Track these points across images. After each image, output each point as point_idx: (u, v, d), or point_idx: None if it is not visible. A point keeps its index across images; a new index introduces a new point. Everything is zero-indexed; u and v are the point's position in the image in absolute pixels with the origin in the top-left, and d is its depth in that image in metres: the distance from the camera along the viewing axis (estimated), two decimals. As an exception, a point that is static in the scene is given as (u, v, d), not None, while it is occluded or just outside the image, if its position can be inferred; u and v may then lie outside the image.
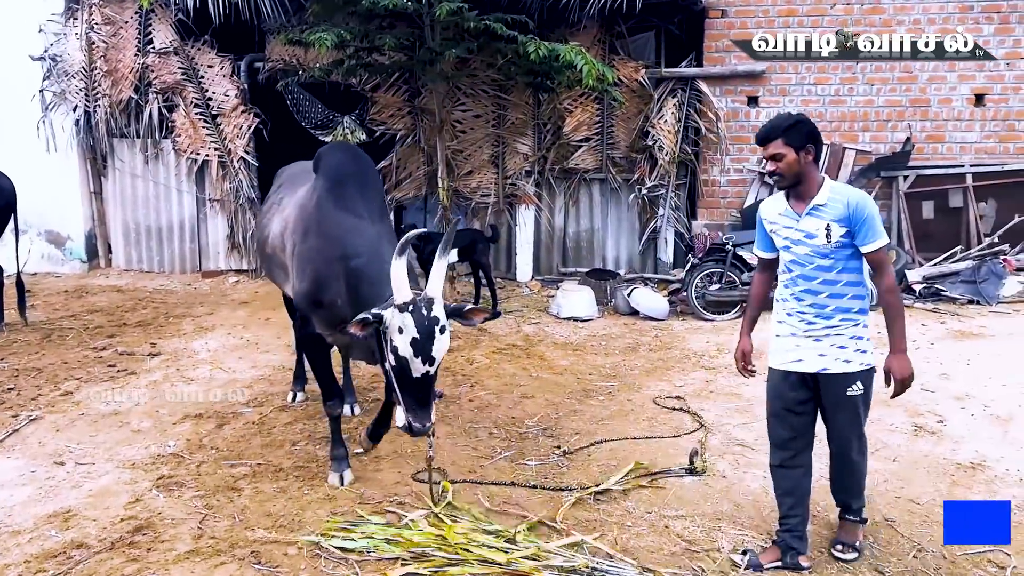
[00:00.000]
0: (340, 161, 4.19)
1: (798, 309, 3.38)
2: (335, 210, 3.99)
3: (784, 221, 3.39)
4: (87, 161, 10.06)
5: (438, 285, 3.52)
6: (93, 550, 3.52)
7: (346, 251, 3.85)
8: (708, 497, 4.16)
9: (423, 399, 3.49)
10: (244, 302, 8.80)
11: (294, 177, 4.91)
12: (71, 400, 5.61)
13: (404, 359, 3.41)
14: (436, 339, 3.40)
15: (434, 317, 3.41)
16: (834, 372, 3.33)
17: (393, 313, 3.42)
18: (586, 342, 7.32)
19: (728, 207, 9.28)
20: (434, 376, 3.52)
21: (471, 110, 9.35)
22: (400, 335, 3.40)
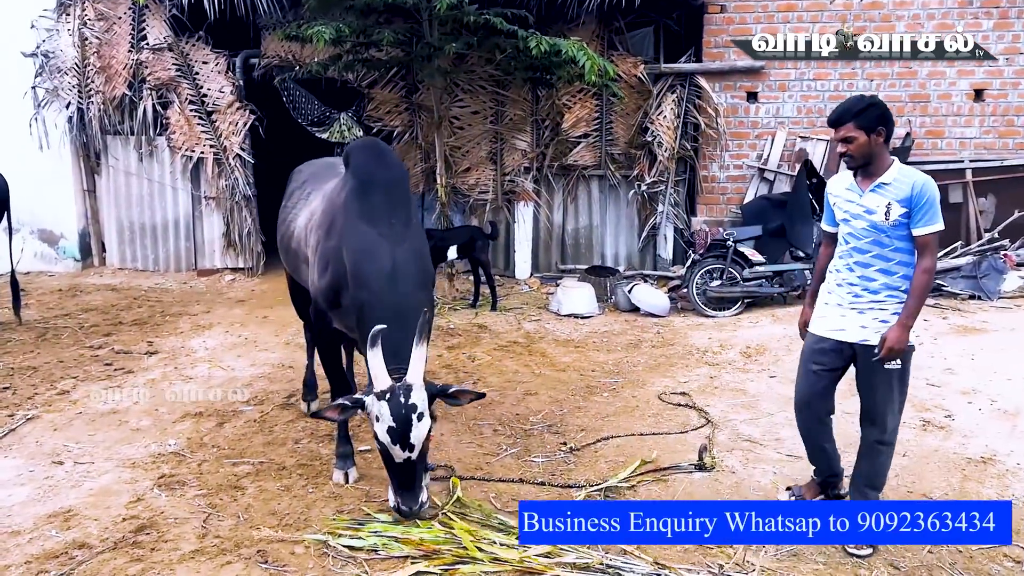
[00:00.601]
0: (368, 164, 3.99)
1: (848, 280, 3.51)
2: (358, 219, 3.83)
3: (847, 195, 3.51)
4: (80, 159, 9.95)
5: (418, 370, 3.46)
6: (95, 550, 3.44)
7: (358, 276, 3.72)
8: (718, 493, 4.11)
9: (408, 483, 3.50)
10: (241, 300, 8.72)
11: (320, 172, 4.78)
12: (68, 399, 5.52)
13: (383, 445, 3.44)
14: (414, 427, 3.39)
15: (411, 405, 3.39)
16: (873, 344, 3.42)
17: (372, 401, 3.44)
18: (588, 339, 7.27)
19: (728, 203, 9.24)
20: (420, 460, 3.49)
21: (469, 106, 9.28)
22: (378, 423, 3.42)
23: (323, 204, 4.24)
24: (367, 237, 3.77)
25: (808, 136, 8.95)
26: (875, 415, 3.51)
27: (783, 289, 7.97)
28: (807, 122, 8.96)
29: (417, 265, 3.84)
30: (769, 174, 9.03)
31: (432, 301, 4.13)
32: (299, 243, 4.42)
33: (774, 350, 6.63)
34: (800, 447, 4.62)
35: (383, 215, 3.82)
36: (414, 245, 3.91)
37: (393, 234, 3.79)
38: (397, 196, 3.96)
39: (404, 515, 3.53)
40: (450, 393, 3.60)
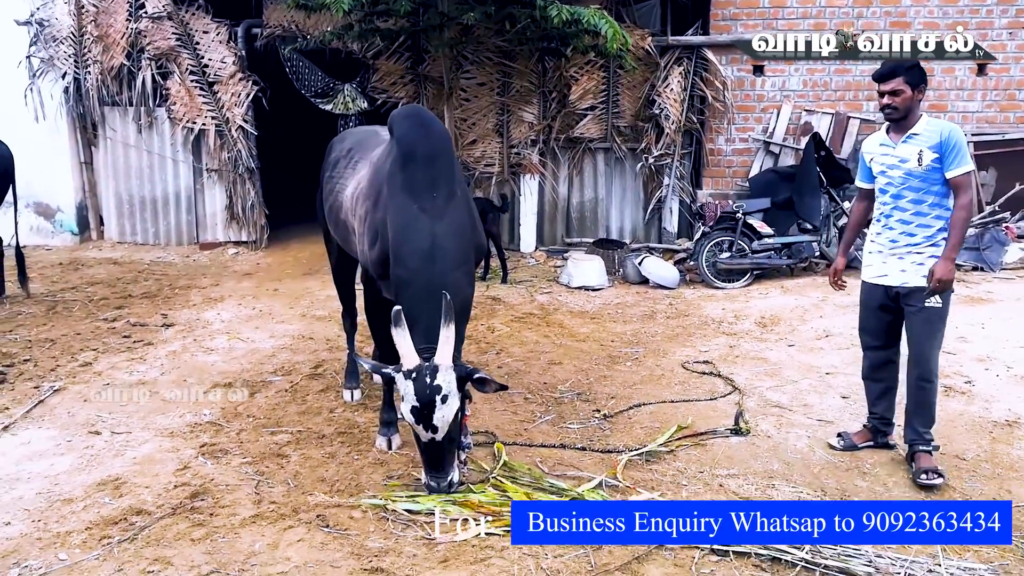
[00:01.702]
0: (410, 131, 3.90)
1: (887, 226, 3.88)
2: (401, 190, 3.77)
3: (881, 149, 3.88)
4: (77, 130, 9.77)
5: (446, 352, 3.42)
6: (155, 516, 3.45)
7: (397, 253, 3.69)
8: (757, 456, 4.20)
9: (435, 462, 3.50)
10: (248, 273, 8.66)
11: (366, 139, 4.69)
12: (92, 371, 5.48)
13: (409, 424, 3.46)
14: (437, 408, 3.36)
15: (436, 386, 3.37)
16: (914, 285, 3.80)
17: (400, 379, 3.45)
18: (602, 310, 7.32)
19: (733, 176, 9.30)
20: (446, 443, 3.46)
21: (475, 78, 9.23)
22: (403, 402, 3.43)
23: (369, 173, 4.20)
24: (408, 212, 3.72)
25: (813, 109, 9.01)
26: (917, 355, 3.86)
27: (791, 261, 8.06)
28: (812, 95, 9.02)
29: (457, 242, 3.76)
30: (775, 147, 9.09)
31: (472, 276, 4.08)
32: (347, 213, 4.37)
33: (788, 320, 6.73)
34: (831, 412, 4.79)
35: (425, 188, 3.75)
36: (456, 220, 3.82)
37: (435, 209, 3.72)
38: (440, 168, 3.86)
39: (431, 491, 3.55)
40: (476, 379, 3.56)
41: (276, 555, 3.15)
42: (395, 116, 4.14)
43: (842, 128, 8.94)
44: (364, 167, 4.35)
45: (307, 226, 9.82)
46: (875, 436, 4.18)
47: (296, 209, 10.33)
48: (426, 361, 3.41)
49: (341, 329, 5.96)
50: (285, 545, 3.23)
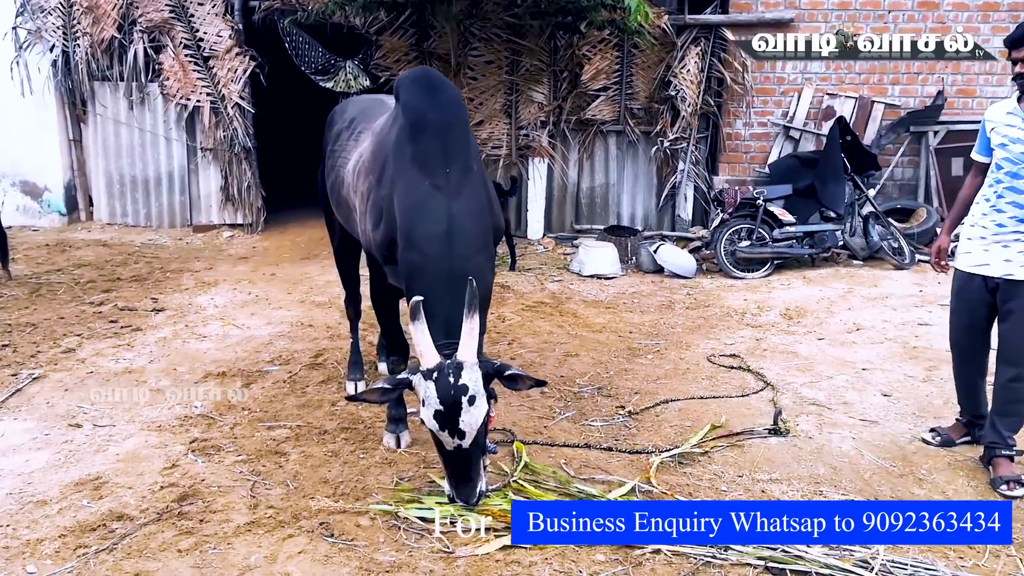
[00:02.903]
0: (418, 97, 3.45)
1: (996, 207, 3.51)
2: (410, 164, 3.35)
3: (1008, 120, 3.51)
4: (65, 106, 9.33)
5: (470, 347, 3.01)
6: (137, 522, 3.08)
7: (408, 236, 3.28)
8: (800, 459, 3.84)
9: (462, 473, 3.06)
10: (244, 257, 8.27)
11: (370, 108, 4.27)
12: (75, 357, 5.10)
13: (432, 432, 3.02)
14: (464, 411, 2.94)
15: (461, 386, 2.95)
16: (1018, 278, 3.45)
17: (418, 380, 3.01)
18: (617, 300, 6.96)
19: (751, 162, 8.92)
20: (474, 447, 3.03)
21: (483, 55, 8.81)
22: (424, 407, 2.99)
23: (372, 145, 3.80)
24: (419, 189, 3.30)
25: (836, 93, 8.63)
26: (1011, 352, 3.51)
27: (814, 251, 7.70)
28: (835, 78, 8.63)
29: (476, 223, 3.36)
30: (795, 132, 8.71)
31: (493, 261, 3.67)
32: (349, 190, 3.96)
33: (815, 312, 6.37)
34: (873, 411, 4.44)
35: (438, 162, 3.32)
36: (474, 198, 3.42)
37: (449, 186, 3.30)
38: (454, 139, 3.42)
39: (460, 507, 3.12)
40: (507, 375, 3.13)
41: (274, 570, 2.79)
42: (402, 79, 3.69)
43: (866, 113, 8.56)
44: (367, 138, 3.95)
45: (305, 209, 9.42)
46: (971, 430, 3.87)
47: (294, 191, 9.95)
48: (447, 358, 3.00)
49: (343, 316, 5.59)
50: (284, 558, 2.86)
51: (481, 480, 3.13)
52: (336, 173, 4.14)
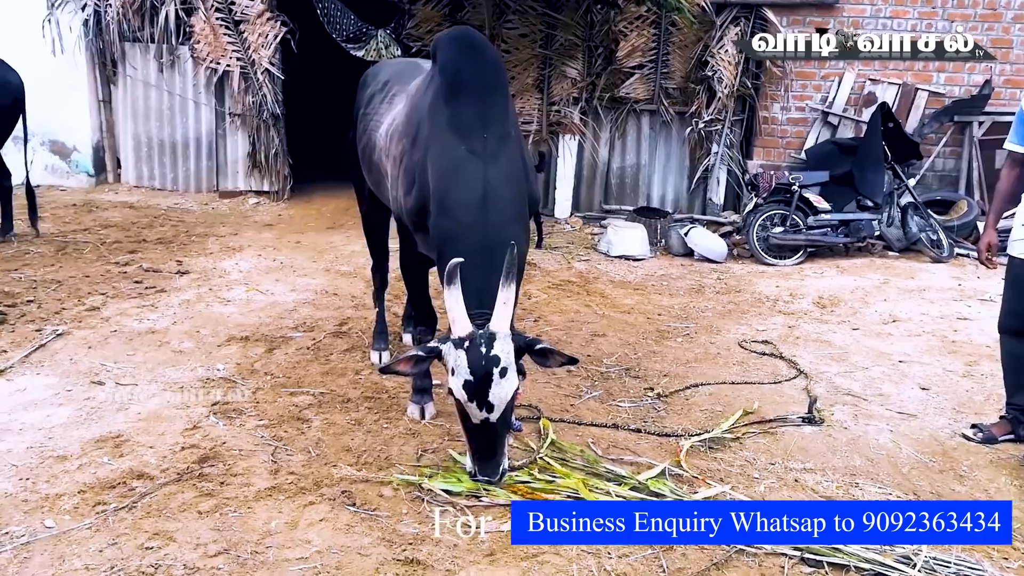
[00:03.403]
0: (456, 58, 3.32)
1: None
2: (446, 128, 3.23)
3: None
4: (96, 66, 9.26)
5: (504, 317, 2.90)
6: (158, 482, 3.03)
7: (442, 202, 3.17)
8: (835, 450, 3.72)
9: (487, 449, 2.93)
10: (269, 224, 8.21)
11: (405, 71, 4.15)
12: (99, 316, 5.06)
13: (459, 402, 2.89)
14: (494, 383, 2.83)
15: (493, 357, 2.84)
16: None
17: (449, 349, 2.90)
18: (645, 281, 6.83)
19: (787, 147, 8.71)
20: (501, 423, 2.91)
21: (517, 28, 8.64)
22: (453, 376, 2.88)
23: (407, 107, 3.68)
24: (455, 154, 3.19)
25: (878, 79, 8.38)
26: None
27: (849, 239, 7.50)
28: (879, 63, 8.37)
29: (512, 190, 3.23)
30: (833, 118, 8.48)
31: (528, 232, 3.56)
32: (380, 154, 3.86)
33: (849, 302, 6.20)
34: (912, 404, 4.30)
35: (475, 127, 3.19)
36: (511, 164, 3.29)
37: (486, 151, 3.17)
38: (493, 103, 3.30)
39: (481, 483, 3.00)
40: (538, 349, 3.01)
41: (295, 536, 2.72)
42: (440, 39, 3.54)
43: (909, 100, 8.32)
44: (401, 101, 3.83)
45: (332, 179, 9.35)
46: (1016, 428, 3.76)
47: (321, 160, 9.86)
48: (479, 328, 2.89)
49: (368, 286, 5.52)
50: (305, 525, 2.80)
51: (505, 457, 3.01)
52: (368, 137, 4.03)
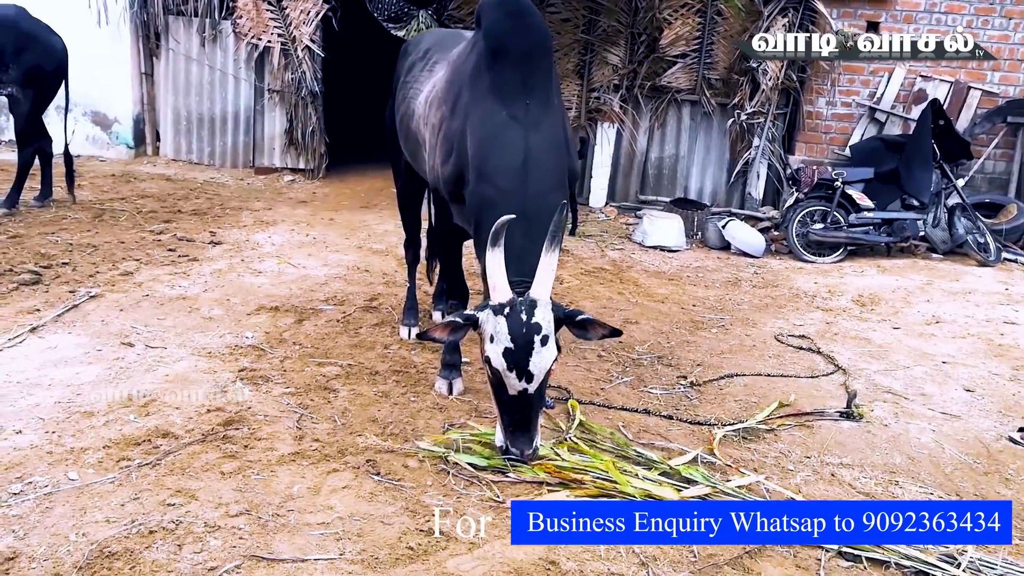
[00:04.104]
0: (502, 22, 3.24)
1: None
2: (487, 93, 3.16)
3: None
4: (139, 39, 9.33)
5: (546, 283, 2.80)
6: (182, 441, 3.00)
7: (481, 168, 3.09)
8: (874, 446, 3.59)
9: (522, 422, 2.85)
10: (303, 201, 8.21)
11: (447, 39, 4.09)
12: (132, 280, 5.08)
13: (497, 372, 2.79)
14: (535, 352, 2.74)
15: (534, 324, 2.74)
16: None
17: (487, 316, 2.80)
18: (680, 272, 6.70)
19: (830, 143, 8.50)
20: (537, 397, 2.84)
21: (560, 12, 8.53)
22: (491, 344, 2.77)
23: (447, 73, 3.61)
24: (496, 119, 3.11)
25: (930, 76, 8.14)
26: None
27: (892, 239, 7.30)
28: (931, 60, 8.13)
29: (554, 159, 3.17)
30: (881, 115, 8.26)
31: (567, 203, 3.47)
32: (419, 122, 3.79)
33: (890, 301, 6.03)
34: (955, 405, 4.15)
35: (518, 92, 3.12)
36: (554, 132, 3.22)
37: (528, 117, 3.10)
38: (537, 68, 3.22)
39: (513, 459, 2.92)
40: (578, 320, 2.91)
41: (317, 502, 2.67)
42: (484, 3, 3.44)
43: (960, 99, 8.07)
44: (442, 68, 3.76)
45: (367, 159, 9.34)
46: None
47: (357, 140, 9.86)
48: (519, 295, 2.80)
49: (400, 265, 5.48)
50: (328, 491, 2.75)
51: (538, 433, 2.93)
52: (406, 105, 3.97)
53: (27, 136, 6.56)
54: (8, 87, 6.26)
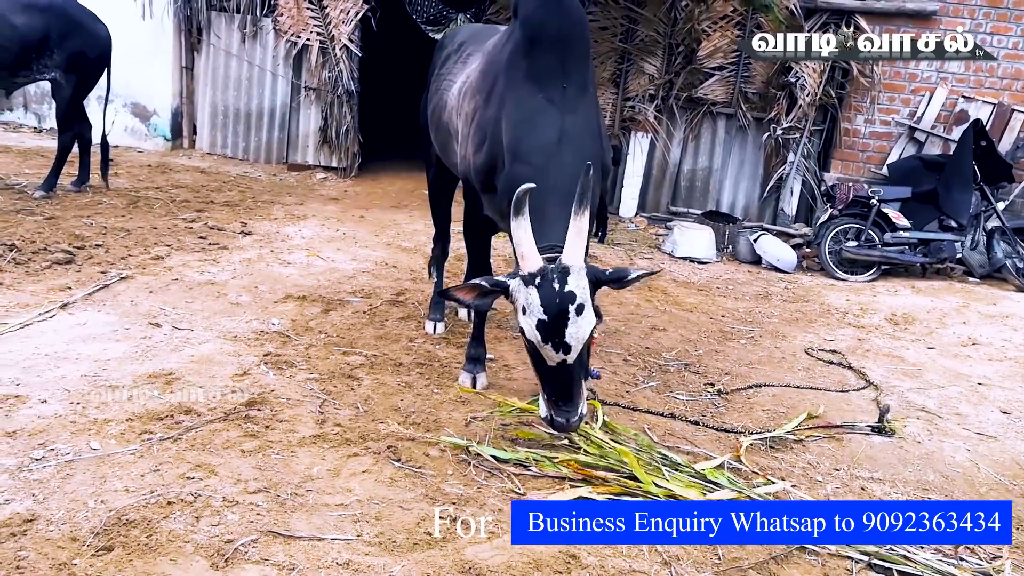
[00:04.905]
0: (540, 8, 3.20)
1: None
2: (524, 79, 3.13)
3: None
4: (182, 33, 9.47)
5: (578, 248, 2.71)
6: (204, 418, 2.99)
7: (517, 149, 3.04)
8: (906, 462, 3.49)
9: (564, 392, 2.77)
10: (334, 198, 8.24)
11: (482, 33, 4.10)
12: (162, 264, 5.11)
13: (532, 344, 2.71)
14: (570, 322, 2.63)
15: (568, 293, 2.64)
16: None
17: (518, 285, 2.71)
18: (710, 283, 6.62)
19: (867, 162, 8.37)
20: (578, 366, 2.75)
21: (598, 20, 8.51)
22: (524, 315, 2.68)
23: (482, 63, 3.58)
24: (532, 103, 3.08)
25: (973, 97, 8.00)
26: None
27: (928, 260, 7.16)
28: (974, 81, 8.01)
29: (590, 141, 3.12)
30: (920, 135, 8.12)
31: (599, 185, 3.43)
32: (451, 114, 3.78)
33: (925, 321, 5.90)
34: (991, 426, 4.03)
35: (554, 77, 3.08)
36: (589, 117, 3.20)
37: (565, 101, 3.07)
38: (574, 53, 3.19)
39: (557, 428, 2.83)
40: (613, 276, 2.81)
41: (336, 484, 2.64)
42: None
43: (1003, 121, 7.91)
44: (476, 59, 3.74)
45: (400, 159, 9.39)
46: None
47: (391, 140, 9.91)
48: (551, 263, 2.71)
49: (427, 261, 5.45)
50: (348, 474, 2.72)
51: (582, 401, 2.83)
52: (439, 96, 3.96)
53: (67, 121, 6.65)
54: (52, 72, 6.36)
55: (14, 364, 3.33)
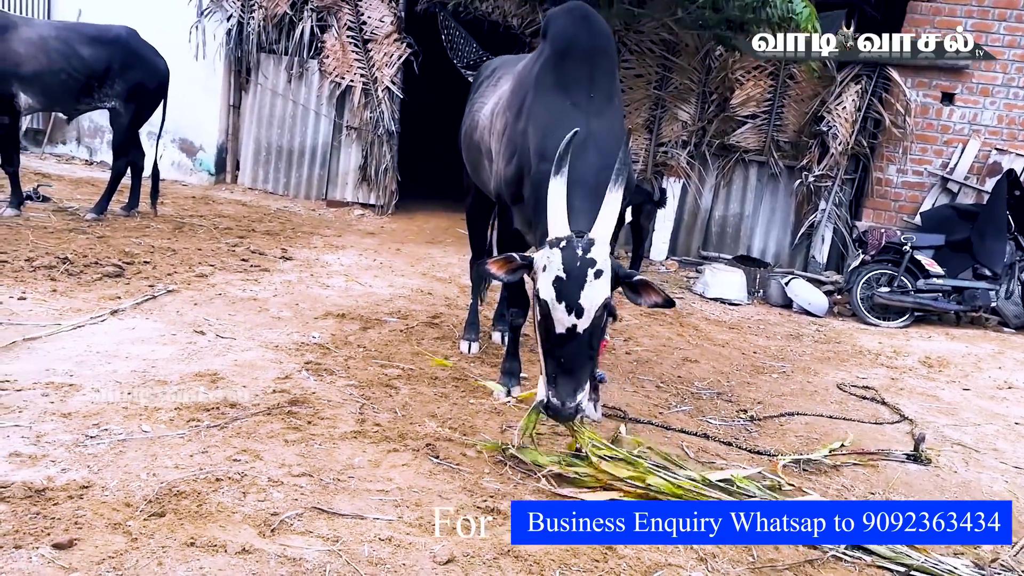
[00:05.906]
0: (569, 26, 3.38)
1: None
2: (552, 89, 3.26)
3: None
4: (232, 73, 9.86)
5: (607, 224, 2.73)
6: (249, 411, 3.07)
7: (543, 150, 3.14)
8: (943, 490, 3.47)
9: (567, 366, 2.68)
10: (371, 233, 8.43)
11: (512, 60, 4.33)
12: (207, 281, 5.27)
13: (545, 304, 2.67)
14: (587, 284, 2.62)
15: (589, 259, 2.65)
16: None
17: (543, 249, 2.74)
18: (741, 323, 6.64)
19: (899, 211, 8.41)
20: (586, 341, 2.69)
21: (633, 68, 8.75)
22: (543, 273, 2.68)
23: (513, 83, 3.74)
24: (558, 108, 3.18)
25: (1006, 149, 8.05)
26: None
27: (962, 307, 7.12)
28: (1007, 134, 8.07)
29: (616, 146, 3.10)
30: (953, 185, 8.16)
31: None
32: (483, 133, 3.93)
33: (960, 364, 5.85)
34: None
35: (581, 86, 3.21)
36: (615, 123, 3.29)
37: (591, 107, 3.18)
38: (601, 67, 3.31)
39: (552, 412, 2.74)
40: (634, 281, 2.80)
41: (377, 473, 2.70)
42: (553, 13, 3.59)
43: (1041, 172, 7.93)
44: (507, 81, 3.91)
45: (435, 199, 9.59)
46: None
47: (428, 179, 10.14)
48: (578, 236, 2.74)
49: (463, 291, 5.57)
50: (388, 466, 2.78)
51: (583, 390, 2.74)
52: (472, 118, 4.16)
53: (123, 148, 6.95)
54: (112, 100, 6.68)
55: (68, 359, 3.46)
